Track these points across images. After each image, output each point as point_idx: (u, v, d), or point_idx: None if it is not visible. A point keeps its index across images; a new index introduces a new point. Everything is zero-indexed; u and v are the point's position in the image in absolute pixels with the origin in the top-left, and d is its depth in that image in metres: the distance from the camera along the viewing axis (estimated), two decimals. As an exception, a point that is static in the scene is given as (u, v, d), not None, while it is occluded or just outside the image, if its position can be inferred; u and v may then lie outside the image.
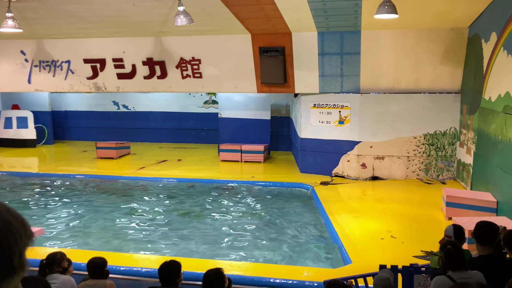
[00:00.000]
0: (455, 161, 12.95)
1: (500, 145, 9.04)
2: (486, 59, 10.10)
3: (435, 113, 12.87)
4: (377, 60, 12.71)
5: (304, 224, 10.16)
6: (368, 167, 13.47)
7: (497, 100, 9.29)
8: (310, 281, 6.41)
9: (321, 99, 13.67)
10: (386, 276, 4.09)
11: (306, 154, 14.34)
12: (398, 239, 8.52)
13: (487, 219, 8.23)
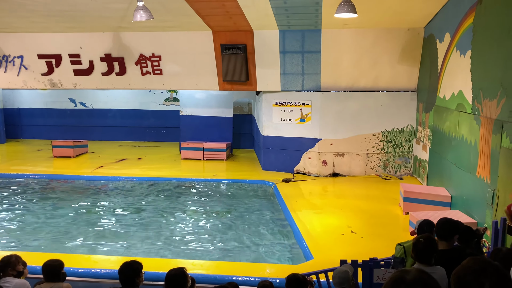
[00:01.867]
0: (411, 157, 13.37)
1: (454, 141, 9.41)
2: (441, 59, 10.47)
3: (393, 111, 13.24)
4: (337, 59, 12.92)
5: (266, 221, 10.20)
6: (328, 164, 13.69)
7: (451, 98, 9.65)
8: (272, 277, 6.43)
9: (283, 97, 13.77)
10: (345, 269, 4.16)
11: (268, 152, 14.41)
12: (358, 234, 8.70)
13: (442, 213, 8.58)
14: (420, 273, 1.64)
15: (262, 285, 4.84)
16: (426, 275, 1.64)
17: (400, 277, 1.63)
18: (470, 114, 8.35)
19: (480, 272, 1.72)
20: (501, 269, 1.76)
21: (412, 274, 1.63)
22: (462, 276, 1.76)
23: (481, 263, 1.78)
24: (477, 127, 7.97)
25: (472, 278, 1.72)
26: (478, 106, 7.93)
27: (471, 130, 8.31)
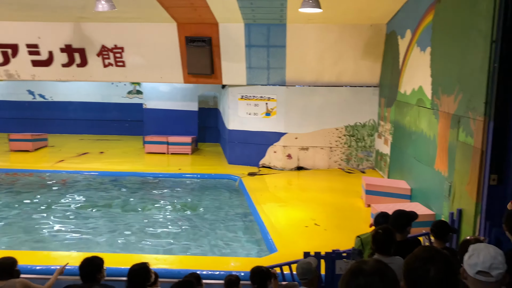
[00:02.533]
0: (373, 151, 13.68)
1: (414, 136, 9.69)
2: (402, 55, 10.74)
3: (355, 105, 13.48)
4: (302, 54, 13.03)
5: (231, 215, 10.21)
6: (293, 157, 13.82)
7: (411, 93, 9.92)
8: (237, 271, 6.45)
9: (248, 91, 13.76)
10: (308, 261, 4.22)
11: (234, 146, 14.39)
12: (321, 226, 8.85)
13: (402, 205, 8.82)
14: (378, 263, 1.65)
15: (228, 279, 4.85)
16: (383, 265, 1.65)
17: (358, 268, 1.65)
18: (430, 109, 8.61)
19: (427, 260, 1.80)
20: (448, 257, 1.84)
21: (370, 264, 1.64)
22: (411, 263, 1.84)
23: (429, 252, 1.86)
24: (436, 121, 8.24)
25: (419, 265, 1.80)
26: (437, 101, 8.19)
27: (430, 125, 8.58)
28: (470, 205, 6.34)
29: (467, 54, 6.75)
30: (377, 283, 1.54)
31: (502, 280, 2.29)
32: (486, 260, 2.27)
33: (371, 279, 1.56)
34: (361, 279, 1.57)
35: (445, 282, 1.76)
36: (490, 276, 2.26)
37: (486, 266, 2.26)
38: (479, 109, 6.13)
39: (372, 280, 1.55)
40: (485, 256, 2.28)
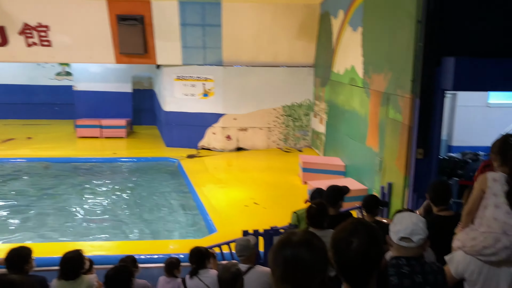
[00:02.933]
0: (310, 130, 14.00)
1: (347, 114, 10.01)
2: (335, 35, 10.97)
3: (292, 86, 13.65)
4: (238, 33, 12.93)
5: (171, 198, 10.07)
6: (232, 138, 13.81)
7: (344, 73, 10.20)
8: (176, 253, 6.37)
9: (184, 71, 13.48)
10: (246, 238, 4.26)
11: (171, 128, 14.11)
12: (260, 205, 8.97)
13: (336, 181, 9.11)
14: (306, 234, 1.66)
15: (169, 262, 4.78)
16: (311, 235, 1.66)
17: (287, 239, 1.64)
18: (361, 88, 8.91)
19: (350, 231, 1.84)
20: (373, 230, 1.89)
21: (298, 235, 1.64)
22: (336, 234, 1.89)
23: (354, 224, 1.90)
24: (367, 100, 8.55)
25: (343, 236, 1.85)
26: (368, 80, 8.48)
27: (362, 103, 8.89)
28: (399, 179, 6.69)
29: (395, 34, 7.02)
30: (303, 253, 1.55)
31: (423, 245, 2.43)
32: (408, 227, 2.39)
33: (297, 249, 1.55)
34: (288, 249, 1.56)
35: (366, 255, 1.80)
36: (412, 241, 2.39)
37: (408, 232, 2.39)
38: (406, 87, 6.43)
39: (298, 251, 1.55)
40: (407, 223, 2.41)
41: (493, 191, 2.73)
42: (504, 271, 2.71)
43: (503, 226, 2.65)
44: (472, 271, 2.76)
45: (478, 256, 2.73)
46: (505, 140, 2.78)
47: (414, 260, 2.40)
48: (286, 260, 1.55)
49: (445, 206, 3.73)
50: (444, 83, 5.88)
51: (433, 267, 2.44)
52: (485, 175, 2.83)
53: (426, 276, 2.38)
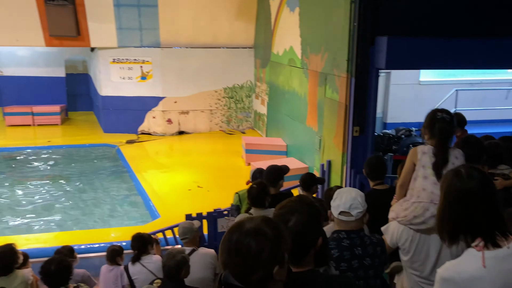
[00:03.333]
0: (252, 111, 14.05)
1: (287, 95, 10.12)
2: (273, 16, 10.99)
3: (232, 67, 13.57)
4: (175, 14, 12.60)
5: (111, 185, 9.78)
6: (174, 122, 13.57)
7: (283, 54, 10.27)
8: (118, 241, 6.23)
9: (120, 54, 12.98)
10: (189, 221, 4.24)
11: (108, 113, 13.61)
12: (204, 188, 8.93)
13: (279, 161, 9.26)
14: (261, 223, 1.51)
15: (111, 249, 4.67)
16: (267, 224, 1.51)
17: (239, 224, 1.53)
18: (300, 68, 9.02)
19: (290, 209, 1.89)
20: (313, 209, 1.94)
21: (253, 222, 1.52)
22: (277, 211, 1.94)
23: (294, 202, 1.95)
24: (306, 80, 8.68)
25: (282, 213, 1.90)
26: (306, 60, 8.60)
27: (301, 84, 9.02)
28: (337, 156, 6.89)
29: (331, 14, 7.13)
30: (249, 242, 1.44)
31: (362, 218, 2.52)
32: (347, 201, 2.47)
33: (245, 237, 1.45)
34: (236, 235, 1.47)
35: (303, 233, 1.84)
36: (351, 215, 2.47)
37: (347, 206, 2.47)
38: (342, 66, 6.58)
39: (245, 238, 1.45)
40: (346, 197, 2.49)
41: (422, 163, 2.88)
42: (433, 238, 2.88)
43: (430, 196, 2.80)
44: (405, 239, 2.91)
45: (409, 225, 2.88)
46: (433, 114, 2.93)
47: (354, 233, 2.50)
48: (230, 246, 1.47)
49: (380, 181, 3.90)
50: (377, 62, 6.07)
51: (372, 239, 2.55)
52: (415, 149, 2.97)
53: (365, 248, 2.49)
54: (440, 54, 6.01)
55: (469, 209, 1.78)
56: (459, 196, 1.81)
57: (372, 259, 2.49)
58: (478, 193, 1.78)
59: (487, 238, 1.76)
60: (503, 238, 1.76)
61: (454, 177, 1.85)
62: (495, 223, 1.77)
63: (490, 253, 1.74)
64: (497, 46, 6.04)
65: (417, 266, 2.91)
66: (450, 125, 2.87)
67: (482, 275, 1.72)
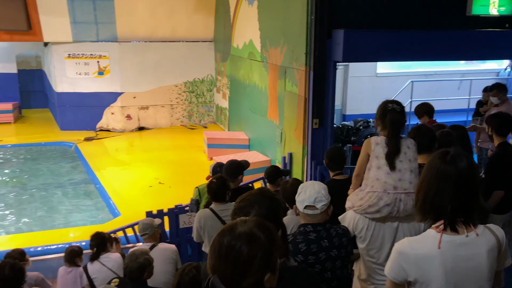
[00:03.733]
0: (214, 106, 13.96)
1: (248, 88, 10.12)
2: (232, 9, 10.93)
3: (193, 61, 13.41)
4: (132, 7, 12.31)
5: (69, 184, 9.48)
6: (133, 118, 13.30)
7: (243, 47, 10.25)
8: (77, 241, 6.07)
9: (76, 49, 12.57)
10: (150, 218, 4.19)
11: (65, 110, 13.17)
12: (166, 184, 8.82)
13: (241, 155, 9.27)
14: (255, 227, 1.43)
15: (70, 250, 4.55)
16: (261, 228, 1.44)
17: (232, 225, 1.45)
18: (260, 62, 9.03)
19: (250, 202, 1.93)
20: (272, 202, 1.98)
21: (246, 225, 1.44)
22: (237, 203, 1.98)
23: (255, 195, 1.98)
24: (266, 74, 8.70)
25: (243, 206, 1.93)
26: (266, 54, 8.61)
27: (261, 77, 9.04)
28: (298, 148, 6.97)
29: (288, 7, 7.16)
30: (241, 246, 1.37)
31: (327, 210, 2.56)
32: (311, 195, 2.50)
33: (237, 240, 1.38)
34: (227, 237, 1.40)
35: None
36: (316, 208, 2.50)
37: (312, 200, 2.50)
38: (301, 59, 6.63)
39: (237, 242, 1.38)
40: (311, 191, 2.52)
41: (375, 154, 2.94)
42: (388, 225, 2.96)
43: (384, 186, 2.87)
44: (361, 228, 2.98)
45: (365, 214, 2.95)
46: (384, 106, 2.99)
47: (320, 226, 2.54)
48: (221, 250, 1.38)
49: (340, 171, 3.97)
50: (335, 55, 6.16)
51: (338, 230, 2.60)
52: (369, 140, 3.03)
53: (331, 239, 2.53)
54: (395, 46, 6.17)
55: (440, 191, 1.82)
56: (435, 176, 1.85)
57: (338, 250, 2.54)
58: (453, 177, 1.81)
59: (449, 222, 1.82)
60: (464, 226, 1.81)
61: (437, 157, 1.89)
62: (462, 209, 1.81)
63: (447, 237, 1.81)
64: (449, 39, 6.27)
65: (373, 253, 2.99)
66: (401, 115, 2.94)
67: (434, 255, 1.79)
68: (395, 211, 2.87)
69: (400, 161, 2.88)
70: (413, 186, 2.86)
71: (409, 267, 1.85)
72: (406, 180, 2.87)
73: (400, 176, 2.86)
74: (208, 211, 3.98)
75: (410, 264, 1.84)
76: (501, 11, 6.31)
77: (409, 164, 2.89)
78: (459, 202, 1.80)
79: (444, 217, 1.83)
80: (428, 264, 1.80)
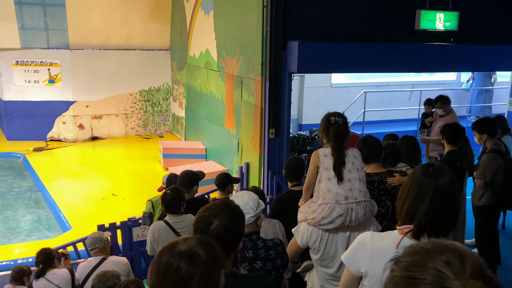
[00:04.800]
0: (170, 115, 13.78)
1: (205, 98, 10.07)
2: (189, 18, 10.87)
3: (148, 70, 13.21)
4: (85, 14, 11.98)
5: (15, 197, 9.04)
6: (86, 127, 12.90)
7: (200, 57, 10.20)
8: (23, 257, 5.78)
9: (25, 56, 12.07)
10: (99, 231, 4.05)
11: (12, 119, 12.57)
12: (119, 196, 8.58)
13: (198, 165, 9.18)
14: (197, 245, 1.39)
15: (19, 269, 4.33)
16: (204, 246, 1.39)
17: (173, 244, 1.40)
18: (217, 71, 9.01)
19: (213, 211, 1.94)
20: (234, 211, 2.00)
21: (188, 243, 1.39)
22: (200, 213, 1.97)
23: (219, 205, 2.00)
24: (223, 83, 8.69)
25: (205, 215, 1.94)
26: (223, 64, 8.61)
27: (218, 87, 9.01)
28: (255, 158, 6.98)
29: (245, 18, 7.20)
30: (181, 265, 1.33)
31: (256, 221, 2.53)
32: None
33: (176, 259, 1.34)
34: (167, 256, 1.35)
35: (224, 236, 1.87)
36: None
37: None
38: (257, 70, 6.67)
39: (176, 260, 1.33)
40: (238, 203, 2.49)
41: (325, 166, 2.96)
42: (340, 235, 3.00)
43: (335, 197, 2.90)
44: (315, 239, 2.99)
45: (318, 226, 2.97)
46: (327, 119, 3.02)
47: (245, 237, 2.43)
48: (159, 268, 1.33)
49: (298, 182, 3.99)
50: (290, 66, 6.24)
51: (267, 242, 2.55)
52: (317, 152, 3.06)
53: (257, 251, 2.49)
54: (348, 58, 6.34)
55: (416, 201, 1.86)
56: (414, 186, 1.88)
57: (263, 262, 2.49)
58: (431, 190, 1.84)
59: (416, 230, 1.86)
60: (428, 236, 1.86)
61: (420, 169, 1.93)
62: (433, 221, 1.84)
63: (408, 241, 1.85)
64: (398, 51, 6.51)
65: (326, 264, 3.01)
66: (344, 127, 2.97)
67: (391, 253, 1.81)
68: (348, 220, 2.90)
69: (349, 171, 2.93)
70: (363, 195, 2.92)
71: (364, 257, 1.93)
72: (356, 190, 2.91)
73: (350, 186, 2.91)
74: (162, 223, 3.90)
75: (366, 255, 1.92)
76: (447, 26, 6.63)
77: (357, 174, 2.94)
78: (432, 214, 1.84)
79: (414, 223, 1.87)
80: (381, 258, 1.85)
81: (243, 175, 7.42)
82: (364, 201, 2.93)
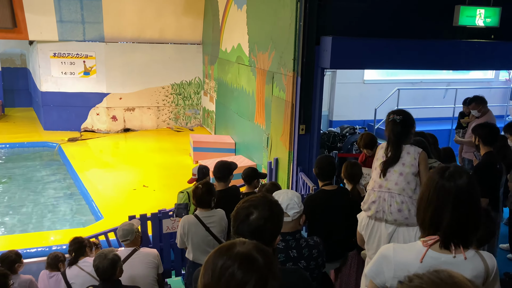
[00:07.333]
0: (200, 109, 13.89)
1: (236, 92, 10.08)
2: (221, 12, 10.89)
3: (180, 63, 13.34)
4: (120, 8, 12.19)
5: (51, 186, 9.33)
6: (119, 119, 13.16)
7: (231, 51, 10.21)
8: (58, 244, 5.96)
9: (62, 48, 12.40)
10: (129, 222, 4.12)
11: (49, 110, 12.97)
12: (150, 187, 8.72)
13: (227, 159, 9.20)
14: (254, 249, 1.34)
15: (54, 255, 4.46)
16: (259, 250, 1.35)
17: (229, 245, 1.36)
18: (248, 66, 9.00)
19: (253, 203, 1.93)
20: (274, 205, 1.99)
21: (245, 247, 1.35)
22: (240, 204, 1.96)
23: (259, 198, 1.99)
24: (253, 78, 8.67)
25: (246, 206, 1.93)
26: (254, 58, 8.59)
27: (249, 81, 9.01)
28: (284, 154, 6.94)
29: (278, 12, 7.15)
30: (235, 270, 1.28)
31: (298, 219, 2.52)
32: (283, 201, 2.47)
33: (232, 262, 1.29)
34: (223, 259, 1.31)
35: (263, 228, 1.87)
36: (288, 215, 2.47)
37: (284, 207, 2.47)
38: (289, 65, 6.62)
39: (231, 265, 1.29)
40: (283, 198, 2.48)
41: (377, 156, 3.21)
42: (384, 229, 3.04)
43: (374, 184, 3.11)
44: (363, 225, 3.11)
45: (364, 211, 3.19)
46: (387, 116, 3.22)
47: (289, 235, 2.47)
48: (214, 269, 1.29)
49: (329, 181, 3.95)
50: (322, 61, 6.16)
51: (309, 241, 2.54)
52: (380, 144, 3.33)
53: (301, 250, 2.47)
54: (382, 54, 6.20)
55: (438, 207, 1.80)
56: (433, 192, 1.83)
57: (307, 261, 2.48)
58: (452, 193, 1.78)
59: (443, 239, 1.79)
60: (455, 246, 1.78)
61: (437, 173, 1.86)
62: (458, 228, 1.77)
63: (433, 253, 1.79)
64: (435, 48, 6.32)
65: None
66: (399, 126, 3.10)
67: (414, 267, 1.78)
68: (381, 211, 2.94)
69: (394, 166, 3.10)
70: (398, 188, 2.96)
71: (388, 271, 1.86)
72: (392, 181, 3.03)
73: (388, 176, 3.06)
74: (192, 217, 3.93)
75: (390, 269, 1.85)
76: (487, 23, 6.39)
77: (400, 167, 3.01)
78: (457, 219, 1.77)
79: (439, 233, 1.80)
80: (405, 272, 1.78)
81: (272, 171, 7.39)
82: (399, 194, 2.95)
